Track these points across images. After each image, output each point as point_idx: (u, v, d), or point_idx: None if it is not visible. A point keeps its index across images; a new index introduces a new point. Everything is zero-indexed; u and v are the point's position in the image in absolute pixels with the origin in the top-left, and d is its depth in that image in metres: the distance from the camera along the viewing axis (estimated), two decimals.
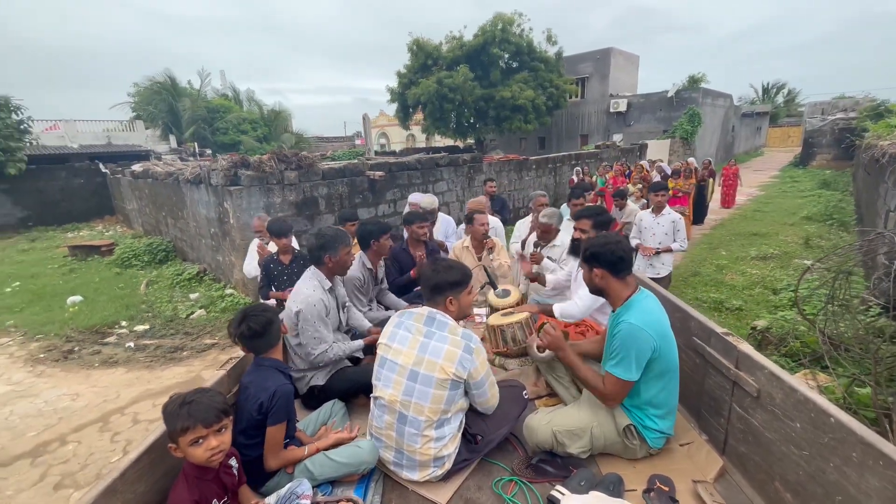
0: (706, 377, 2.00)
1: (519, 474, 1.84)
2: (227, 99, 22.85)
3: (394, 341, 1.84)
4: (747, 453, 1.74)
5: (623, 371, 1.73)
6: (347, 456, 1.77)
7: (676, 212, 7.86)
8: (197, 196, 6.83)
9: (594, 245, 1.89)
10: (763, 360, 1.67)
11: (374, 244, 2.89)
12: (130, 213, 12.18)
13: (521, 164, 10.35)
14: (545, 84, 19.93)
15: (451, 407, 1.76)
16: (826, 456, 1.36)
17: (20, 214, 13.53)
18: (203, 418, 1.35)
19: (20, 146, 12.84)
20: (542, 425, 1.85)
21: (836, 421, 1.33)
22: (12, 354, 4.98)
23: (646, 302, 1.83)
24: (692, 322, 2.12)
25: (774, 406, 1.57)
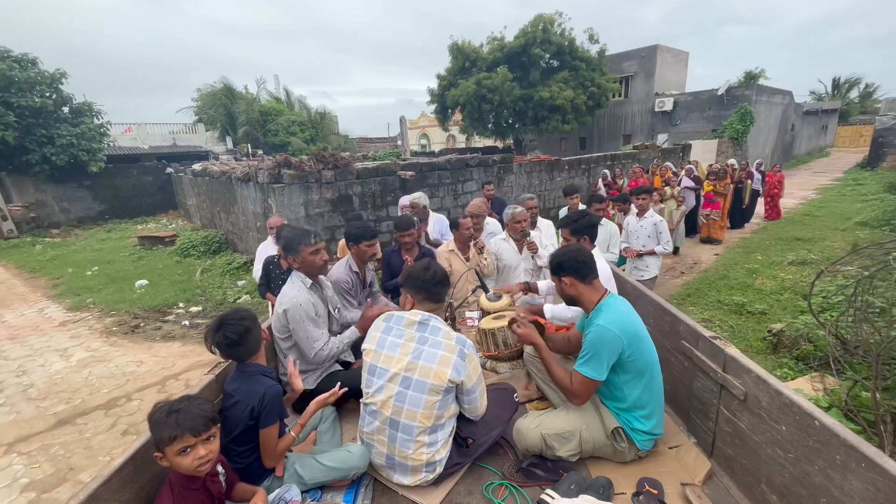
0: (694, 380, 2.02)
1: (509, 478, 1.84)
2: (279, 102, 24.18)
3: (383, 348, 1.81)
4: (734, 456, 1.75)
5: (591, 370, 1.76)
6: (338, 460, 1.76)
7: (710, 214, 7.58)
8: (246, 193, 7.52)
9: (558, 256, 1.96)
10: (749, 363, 1.69)
11: (353, 248, 2.85)
12: (190, 208, 13.37)
13: (553, 165, 10.39)
14: (586, 83, 19.64)
15: (445, 412, 1.75)
16: (811, 458, 1.38)
17: (99, 208, 15.18)
18: (191, 427, 1.32)
19: (101, 147, 14.43)
20: (531, 429, 1.85)
21: (821, 424, 1.34)
22: (91, 327, 5.80)
23: (615, 305, 1.87)
24: (681, 326, 2.14)
25: (761, 409, 1.59)
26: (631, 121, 22.78)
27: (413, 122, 39.91)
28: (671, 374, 1.94)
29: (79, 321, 6.04)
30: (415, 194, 4.41)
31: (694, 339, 2.02)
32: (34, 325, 6.00)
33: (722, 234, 8.30)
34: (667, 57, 21.93)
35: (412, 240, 3.42)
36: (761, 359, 3.83)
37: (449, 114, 22.16)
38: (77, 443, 3.39)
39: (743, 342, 4.20)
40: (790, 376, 3.45)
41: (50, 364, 4.76)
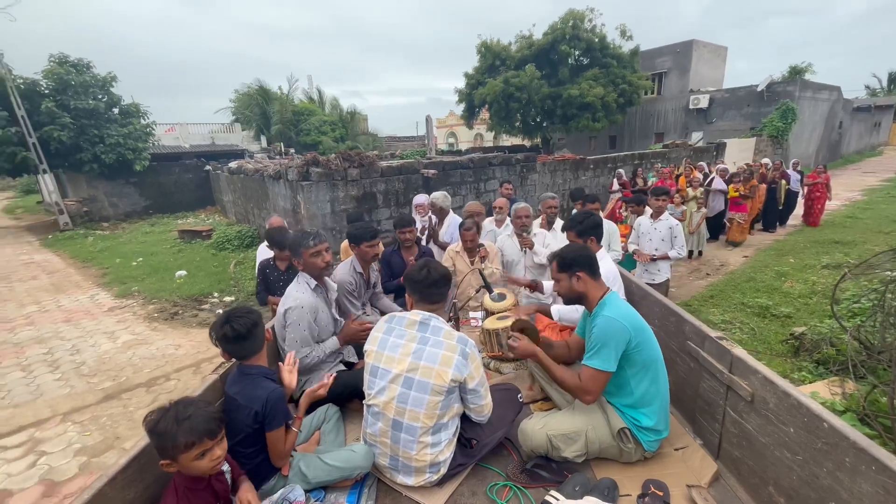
0: (700, 381, 1.99)
1: (513, 479, 1.83)
2: (311, 102, 24.88)
3: (384, 349, 1.81)
4: (741, 458, 1.74)
5: (600, 362, 1.74)
6: (342, 460, 1.76)
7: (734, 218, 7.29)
8: (277, 190, 7.89)
9: (570, 252, 1.96)
10: (756, 364, 1.67)
11: (355, 249, 2.87)
12: (227, 204, 14.04)
13: (578, 164, 10.32)
14: (617, 81, 19.25)
15: (447, 412, 1.75)
16: (819, 461, 1.36)
17: (144, 203, 16.16)
18: (208, 430, 1.33)
19: (146, 146, 15.34)
20: (536, 430, 1.84)
21: (829, 426, 1.32)
22: (135, 313, 6.26)
23: (617, 299, 1.90)
24: (686, 326, 2.11)
25: (768, 410, 1.57)
26: (663, 119, 22.15)
27: (441, 120, 40.13)
28: (677, 375, 1.92)
29: (125, 307, 6.53)
30: (437, 193, 4.49)
31: (700, 340, 2.00)
32: (86, 309, 6.54)
33: (741, 237, 7.98)
34: (703, 52, 21.19)
35: (412, 237, 3.48)
36: (780, 362, 3.76)
37: (476, 112, 22.23)
38: (122, 415, 3.73)
39: (763, 345, 4.12)
40: (808, 380, 3.39)
41: (99, 345, 5.20)
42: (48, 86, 13.34)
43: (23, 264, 9.74)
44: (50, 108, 12.90)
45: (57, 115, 13.01)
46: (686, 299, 5.51)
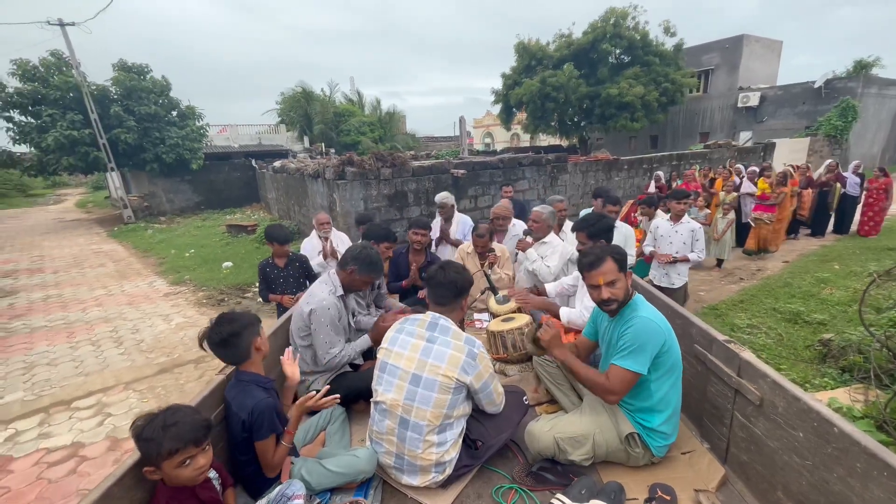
0: (708, 385, 1.98)
1: (519, 482, 1.82)
2: (351, 104, 25.72)
3: (395, 346, 1.85)
4: (749, 462, 1.72)
5: (633, 363, 1.71)
6: (344, 465, 1.76)
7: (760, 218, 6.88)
8: (315, 188, 8.36)
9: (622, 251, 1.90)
10: (766, 368, 1.66)
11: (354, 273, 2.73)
12: (270, 201, 14.86)
13: (611, 165, 10.18)
14: (659, 79, 18.69)
15: (454, 412, 1.75)
16: (830, 466, 1.34)
17: (197, 199, 17.38)
18: (193, 438, 1.32)
19: (200, 146, 16.51)
20: (544, 432, 1.83)
21: (840, 431, 1.31)
22: (187, 298, 6.87)
23: (644, 300, 1.88)
24: (693, 329, 2.10)
25: (777, 415, 1.56)
26: (709, 117, 21.23)
27: (478, 120, 40.23)
28: (683, 379, 1.91)
29: (178, 294, 7.17)
30: (441, 194, 4.58)
31: (707, 343, 1.98)
32: (145, 294, 7.24)
33: (775, 243, 7.28)
34: (755, 47, 20.14)
35: (424, 240, 3.47)
36: (803, 367, 3.68)
37: (513, 113, 22.21)
38: (174, 386, 4.19)
39: (789, 350, 4.03)
40: (830, 386, 3.31)
41: (156, 325, 5.78)
42: (117, 91, 14.63)
43: (93, 253, 10.82)
44: (118, 112, 14.18)
45: (124, 119, 14.27)
46: (714, 303, 5.41)
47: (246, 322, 1.75)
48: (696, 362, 2.07)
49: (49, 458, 3.23)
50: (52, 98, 13.67)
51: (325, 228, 4.22)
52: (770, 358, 3.85)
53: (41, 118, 13.70)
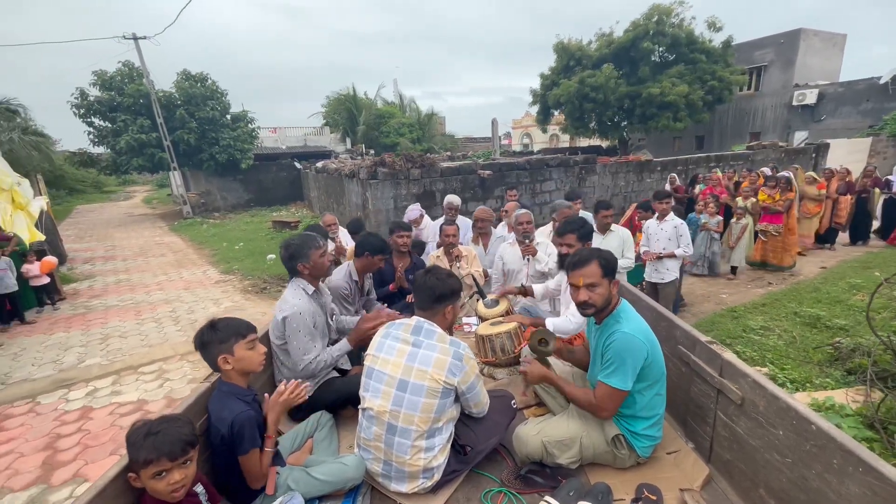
0: (692, 385, 2.01)
1: (508, 485, 1.83)
2: (392, 106, 26.52)
3: (381, 352, 1.84)
4: (732, 461, 1.75)
5: (619, 381, 1.72)
6: (332, 474, 1.73)
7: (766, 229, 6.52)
8: (351, 187, 8.92)
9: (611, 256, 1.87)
10: (746, 368, 1.69)
11: (367, 257, 2.87)
12: (313, 199, 15.76)
13: (643, 166, 10.08)
14: (705, 77, 18.04)
15: (442, 416, 1.75)
16: (808, 463, 1.38)
17: (246, 197, 18.66)
18: (168, 451, 1.28)
19: (251, 147, 17.74)
20: (531, 436, 1.84)
21: (818, 428, 1.34)
22: (234, 286, 7.61)
23: (630, 311, 1.86)
24: (677, 331, 2.13)
25: (758, 414, 1.59)
26: (760, 117, 20.18)
27: (517, 121, 40.11)
28: (668, 380, 1.92)
29: (227, 281, 7.94)
30: (449, 197, 4.71)
31: (691, 344, 2.02)
32: (199, 280, 8.08)
33: (787, 258, 6.53)
34: (814, 42, 18.93)
35: (407, 241, 3.48)
36: (809, 369, 3.70)
37: (550, 114, 22.10)
38: None
39: (800, 352, 4.03)
40: (831, 386, 3.34)
41: (207, 308, 6.51)
42: (180, 97, 16.05)
43: (156, 244, 12.03)
44: (182, 116, 15.56)
45: (186, 122, 15.64)
46: (734, 306, 5.40)
47: (220, 336, 1.67)
48: (680, 363, 2.09)
49: (120, 410, 3.86)
50: (126, 105, 15.23)
51: (332, 229, 4.40)
52: (775, 358, 3.88)
53: (116, 123, 15.31)
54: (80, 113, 15.34)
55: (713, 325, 4.81)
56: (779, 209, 6.36)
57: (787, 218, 6.36)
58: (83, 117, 15.43)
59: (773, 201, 6.40)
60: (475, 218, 4.05)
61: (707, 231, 6.38)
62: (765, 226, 6.54)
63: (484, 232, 4.02)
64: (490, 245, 4.01)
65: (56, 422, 3.73)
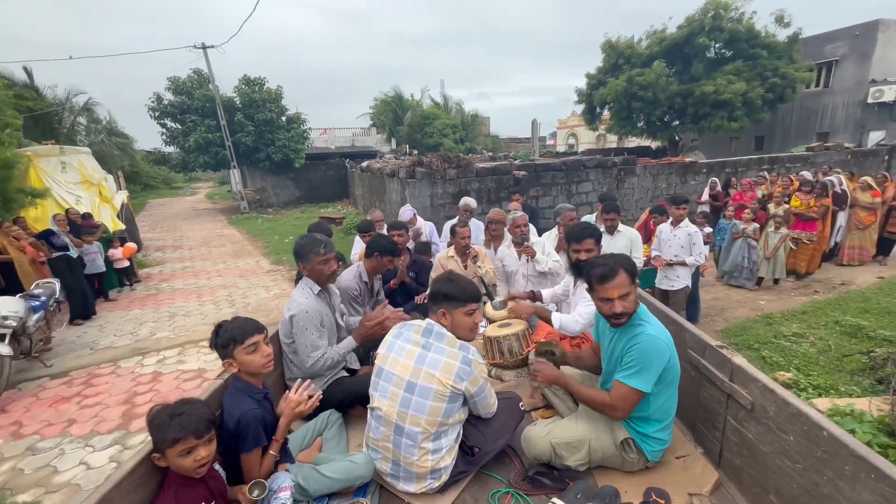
0: (701, 390, 2.00)
1: (516, 486, 1.82)
2: (437, 107, 27.00)
3: (391, 351, 1.85)
4: (742, 466, 1.73)
5: (640, 382, 1.70)
6: (341, 472, 1.75)
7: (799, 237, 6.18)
8: (392, 185, 9.37)
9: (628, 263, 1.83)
10: (757, 373, 1.67)
11: (376, 257, 2.90)
12: (357, 197, 16.49)
13: (687, 168, 9.78)
14: (766, 74, 16.96)
15: (449, 419, 1.75)
16: (819, 469, 1.36)
17: (297, 194, 19.81)
18: (195, 429, 1.37)
19: (303, 148, 18.83)
20: (540, 437, 1.84)
21: (829, 434, 1.32)
22: (283, 275, 8.28)
23: (648, 312, 1.86)
24: (686, 335, 2.12)
25: (768, 419, 1.57)
26: (830, 115, 18.71)
27: (562, 121, 39.45)
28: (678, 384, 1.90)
29: (277, 271, 8.64)
30: (465, 199, 4.76)
31: (700, 349, 2.00)
32: (253, 269, 8.85)
33: (810, 265, 6.22)
34: (894, 33, 17.28)
35: (404, 240, 3.57)
36: (837, 376, 3.61)
37: (597, 113, 21.65)
38: None
39: (832, 360, 3.92)
40: (856, 394, 3.27)
41: (259, 294, 7.17)
42: (241, 101, 17.35)
43: (217, 236, 13.16)
44: (241, 119, 16.82)
45: (245, 125, 16.90)
46: (772, 312, 5.25)
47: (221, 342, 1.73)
48: (689, 367, 2.07)
49: (183, 376, 4.46)
50: (195, 107, 16.70)
51: (379, 225, 4.54)
52: (802, 364, 3.81)
53: (186, 124, 16.82)
54: (155, 115, 17.01)
55: (743, 329, 4.73)
56: (813, 216, 5.96)
57: (821, 226, 5.99)
58: (158, 119, 17.09)
59: (808, 207, 6.00)
60: (488, 220, 4.01)
61: (744, 238, 6.04)
62: (797, 233, 6.18)
63: (497, 234, 3.97)
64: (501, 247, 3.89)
65: (133, 382, 4.39)
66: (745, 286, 6.19)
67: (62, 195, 7.57)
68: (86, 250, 6.39)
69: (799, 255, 6.24)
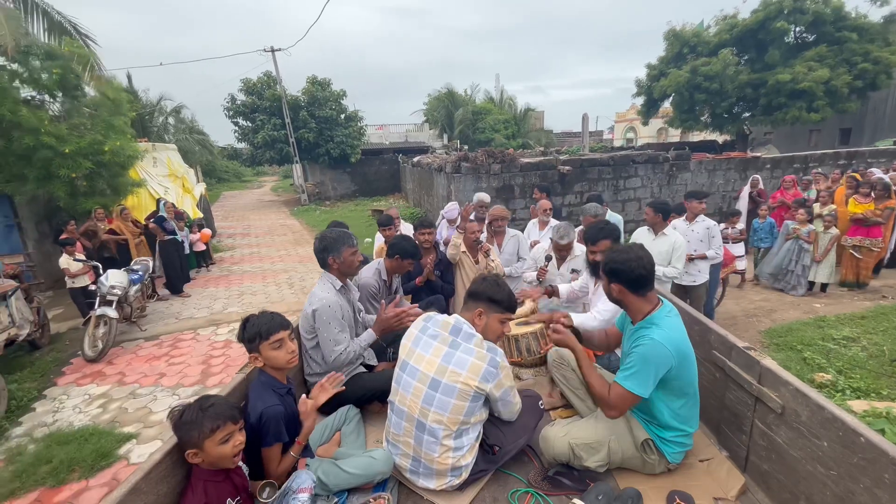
0: (727, 392, 1.95)
1: (535, 486, 1.81)
2: (490, 102, 27.04)
3: (417, 346, 1.83)
4: (770, 471, 1.69)
5: (635, 385, 1.68)
6: (361, 467, 1.75)
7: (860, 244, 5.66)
8: (439, 180, 9.74)
9: (615, 260, 1.79)
10: (788, 375, 1.62)
11: (397, 259, 2.89)
12: (408, 191, 17.10)
13: (747, 163, 9.21)
14: (854, 59, 15.35)
15: (472, 418, 1.74)
16: (856, 476, 1.31)
17: (353, 188, 20.84)
18: (231, 415, 1.42)
19: (359, 143, 19.77)
20: (559, 437, 1.82)
21: (867, 441, 1.28)
22: None
23: (669, 319, 1.77)
24: (712, 335, 2.07)
25: (800, 423, 1.52)
26: None
27: (621, 115, 37.89)
28: (701, 386, 1.86)
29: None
30: (478, 194, 4.71)
31: (726, 350, 1.95)
32: (310, 256, 9.59)
33: (867, 275, 5.73)
34: None
35: (431, 238, 3.59)
36: (884, 381, 3.46)
37: (657, 106, 20.67)
38: None
39: (882, 365, 3.74)
40: (893, 397, 3.16)
41: (314, 279, 7.77)
42: (305, 100, 18.55)
43: (280, 225, 14.31)
44: (304, 117, 18.00)
45: (308, 122, 18.06)
46: (826, 315, 5.01)
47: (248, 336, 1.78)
48: (714, 369, 2.03)
49: None
50: (264, 107, 18.10)
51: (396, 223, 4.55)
52: (845, 367, 3.68)
53: (255, 122, 18.28)
54: (229, 114, 18.64)
55: (789, 331, 4.58)
56: (879, 220, 5.45)
57: (885, 230, 5.49)
58: (231, 118, 18.72)
59: (871, 211, 5.49)
60: (490, 217, 4.02)
61: (796, 239, 5.65)
62: (859, 240, 5.61)
63: (499, 231, 4.01)
64: (504, 244, 4.00)
65: (209, 347, 5.12)
66: (792, 293, 5.80)
67: (153, 187, 8.70)
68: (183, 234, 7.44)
69: (862, 264, 5.71)
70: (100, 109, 6.87)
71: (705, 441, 2.03)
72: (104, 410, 3.92)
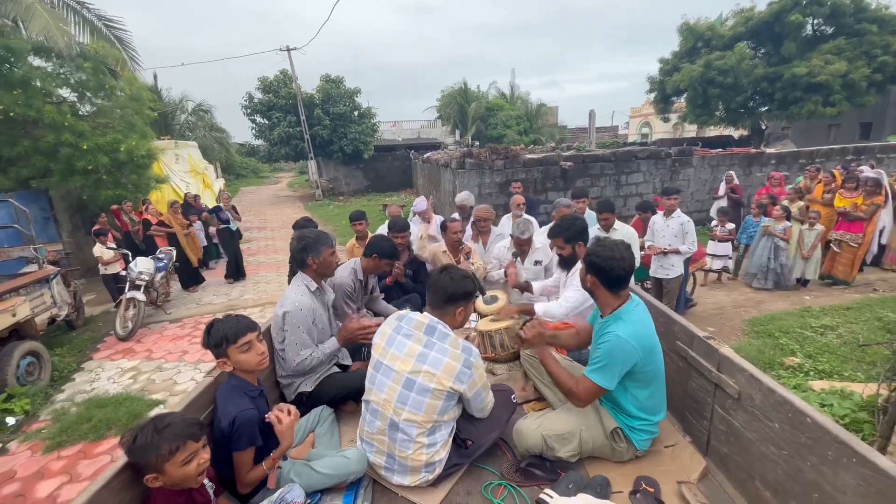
0: (689, 380, 2.03)
1: (508, 478, 1.86)
2: (503, 98, 27.12)
3: (391, 345, 1.83)
4: (729, 454, 1.77)
5: (601, 378, 1.76)
6: (334, 467, 1.75)
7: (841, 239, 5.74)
8: (445, 176, 10.05)
9: (598, 255, 1.84)
10: (743, 362, 1.70)
11: (375, 259, 2.81)
12: (419, 187, 17.44)
13: (751, 159, 9.27)
14: (874, 51, 15.05)
15: (445, 416, 1.77)
16: (803, 455, 1.39)
17: (365, 184, 21.29)
18: (190, 434, 1.33)
19: (372, 140, 20.19)
20: (531, 430, 1.86)
21: (812, 421, 1.35)
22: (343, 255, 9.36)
23: (635, 313, 1.84)
24: (675, 326, 2.16)
25: (754, 407, 1.60)
26: None
27: (636, 109, 37.47)
28: (666, 375, 1.94)
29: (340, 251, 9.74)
30: (461, 194, 4.64)
31: (688, 340, 2.03)
32: None
33: (849, 273, 5.72)
34: None
35: (404, 241, 3.52)
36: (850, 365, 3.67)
37: (671, 101, 20.51)
38: None
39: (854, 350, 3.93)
40: (859, 380, 3.36)
41: None
42: (319, 98, 19.03)
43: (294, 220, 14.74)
44: (319, 114, 18.49)
45: (322, 119, 18.54)
46: (811, 307, 5.18)
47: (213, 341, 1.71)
48: (677, 358, 2.11)
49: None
50: (280, 105, 18.65)
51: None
52: (815, 352, 3.88)
53: (272, 119, 18.85)
54: (247, 112, 19.25)
55: (771, 320, 4.77)
56: (861, 216, 5.47)
57: (868, 226, 5.50)
58: (249, 115, 19.33)
59: (856, 207, 5.50)
60: (475, 217, 4.02)
61: (770, 237, 5.67)
62: (840, 234, 5.67)
63: (484, 230, 4.03)
64: (489, 243, 4.02)
65: None
66: (768, 288, 5.84)
67: (176, 182, 9.25)
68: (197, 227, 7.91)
69: (839, 258, 5.78)
70: (125, 109, 7.39)
71: (670, 428, 2.13)
72: (135, 381, 4.41)
